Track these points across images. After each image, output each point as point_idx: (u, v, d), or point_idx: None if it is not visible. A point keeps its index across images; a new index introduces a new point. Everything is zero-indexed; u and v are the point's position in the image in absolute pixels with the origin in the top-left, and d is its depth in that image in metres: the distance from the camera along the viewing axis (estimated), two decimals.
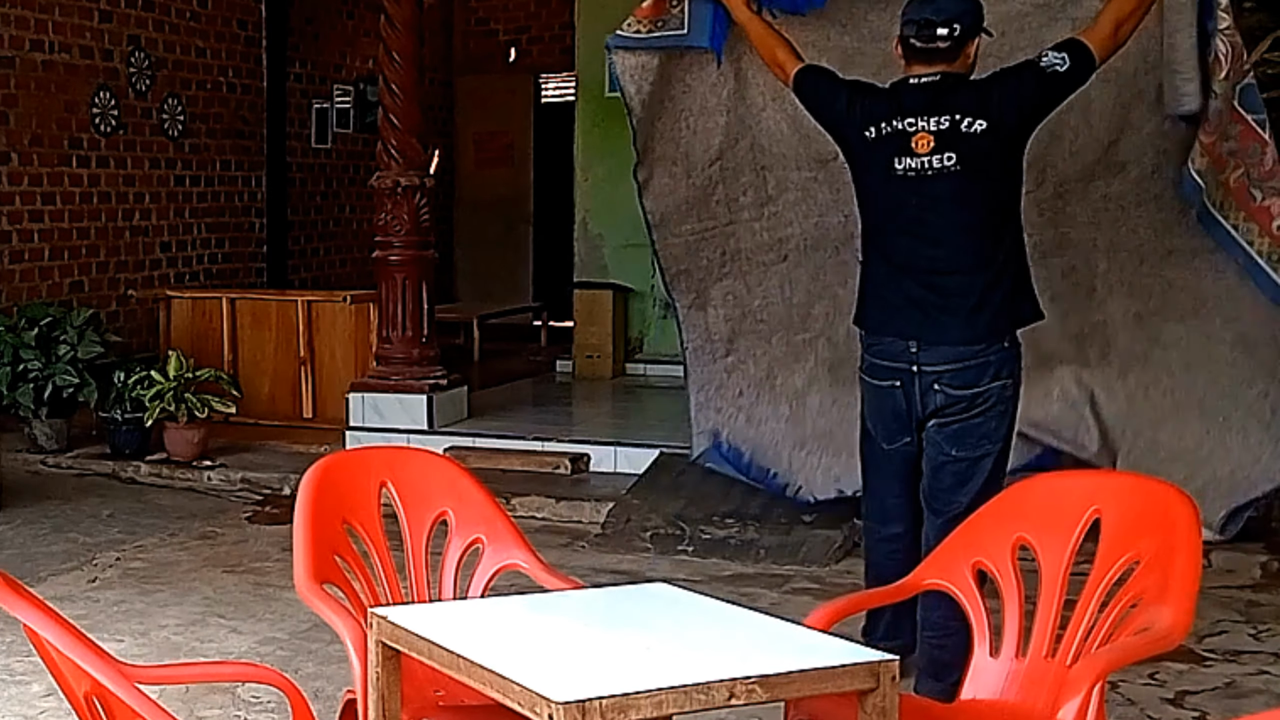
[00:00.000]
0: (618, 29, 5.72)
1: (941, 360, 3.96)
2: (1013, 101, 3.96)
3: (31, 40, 8.88)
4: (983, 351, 3.96)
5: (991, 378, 3.97)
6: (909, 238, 4.03)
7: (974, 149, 3.91)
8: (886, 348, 4.08)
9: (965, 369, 3.95)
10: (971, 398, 3.96)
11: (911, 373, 4.00)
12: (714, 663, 2.40)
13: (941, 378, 3.96)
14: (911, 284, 4.02)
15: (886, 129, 4.01)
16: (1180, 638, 2.83)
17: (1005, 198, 4.03)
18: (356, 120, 12.06)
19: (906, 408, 4.04)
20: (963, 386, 3.96)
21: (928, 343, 3.98)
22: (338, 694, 3.91)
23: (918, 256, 4.02)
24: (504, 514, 3.49)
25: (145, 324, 9.45)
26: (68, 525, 6.73)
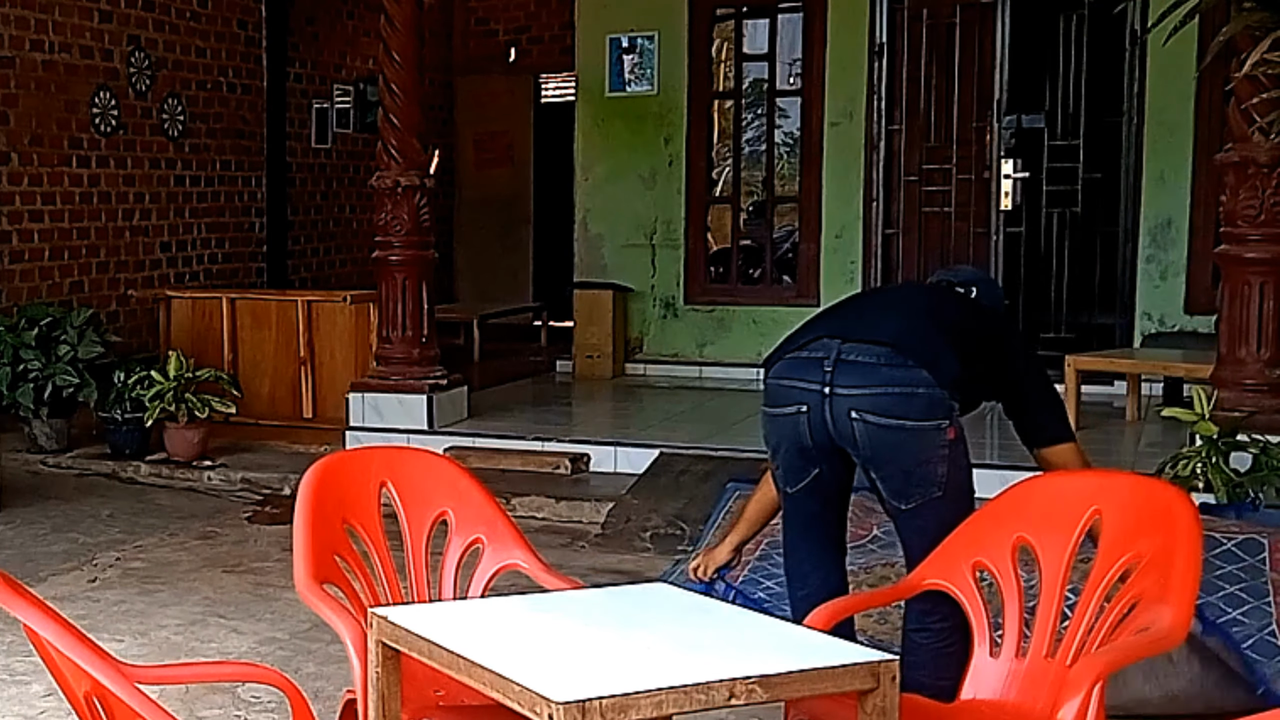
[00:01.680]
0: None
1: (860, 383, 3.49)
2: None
3: (31, 40, 8.88)
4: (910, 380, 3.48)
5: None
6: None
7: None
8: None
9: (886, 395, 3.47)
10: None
11: (823, 395, 3.52)
12: (714, 663, 2.40)
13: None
14: (845, 307, 3.80)
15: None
16: (1180, 638, 2.84)
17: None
18: (356, 120, 12.06)
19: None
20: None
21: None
22: (338, 694, 3.91)
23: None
24: (504, 514, 3.49)
25: (145, 324, 9.45)
26: (68, 525, 6.73)
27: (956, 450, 3.51)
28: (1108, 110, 9.32)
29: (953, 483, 3.52)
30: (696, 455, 7.26)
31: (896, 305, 3.77)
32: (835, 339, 3.54)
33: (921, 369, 3.44)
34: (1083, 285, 9.52)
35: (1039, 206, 9.44)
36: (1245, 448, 6.03)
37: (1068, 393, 7.91)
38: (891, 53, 9.69)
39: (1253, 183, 6.52)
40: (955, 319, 3.69)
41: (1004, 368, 3.68)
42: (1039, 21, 9.37)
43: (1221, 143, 7.11)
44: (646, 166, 10.34)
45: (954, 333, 3.60)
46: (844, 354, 3.49)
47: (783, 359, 3.65)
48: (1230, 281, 6.68)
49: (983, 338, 3.70)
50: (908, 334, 3.52)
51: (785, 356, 3.64)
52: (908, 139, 9.72)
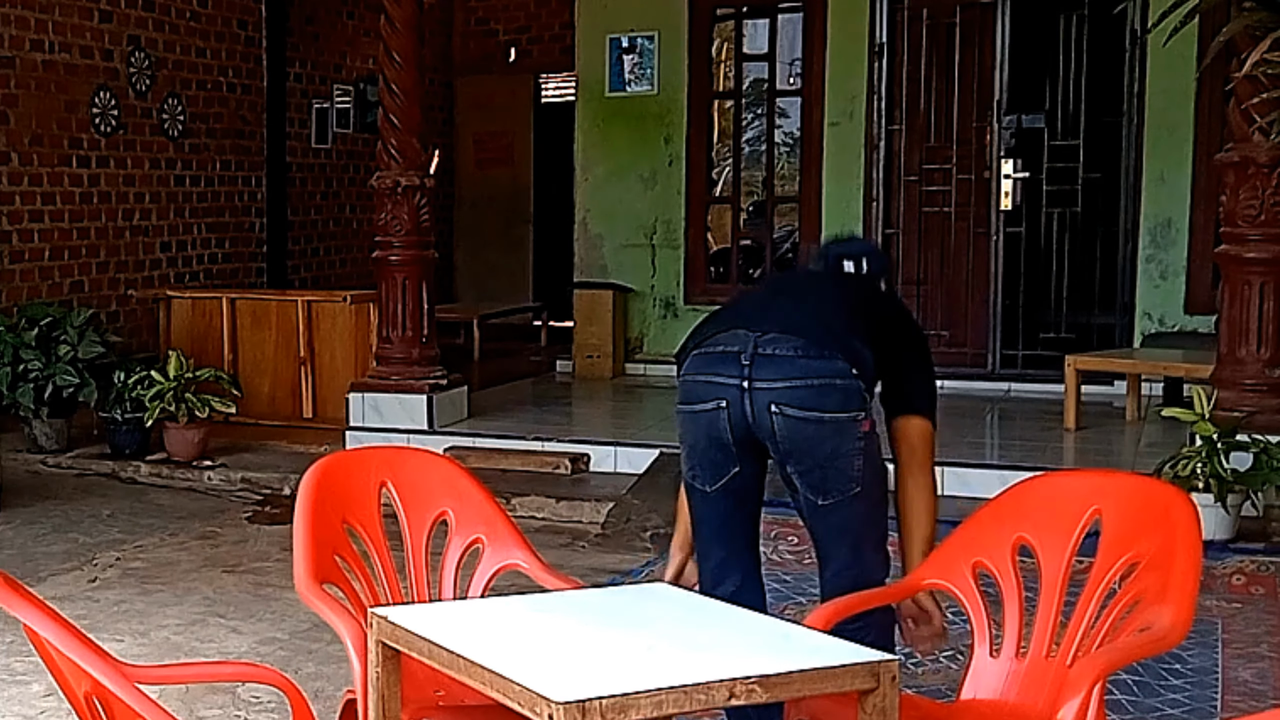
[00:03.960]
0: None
1: (777, 375, 3.38)
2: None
3: (31, 40, 8.88)
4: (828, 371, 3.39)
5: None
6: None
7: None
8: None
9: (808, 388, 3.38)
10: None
11: (742, 389, 3.40)
12: (714, 663, 2.40)
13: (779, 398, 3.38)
14: (755, 300, 3.69)
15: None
16: (1180, 638, 2.83)
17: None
18: (356, 120, 12.07)
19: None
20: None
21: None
22: (338, 694, 3.91)
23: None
24: (504, 514, 3.49)
25: (145, 324, 9.45)
26: (68, 525, 6.73)
27: (871, 444, 3.45)
28: (1108, 110, 9.32)
29: (868, 479, 3.47)
30: None
31: (804, 295, 3.63)
32: (750, 331, 3.43)
33: (838, 359, 3.37)
34: (1083, 285, 9.52)
35: (1039, 206, 9.45)
36: (1245, 448, 6.03)
37: (1068, 393, 7.92)
38: (891, 53, 9.69)
39: (1253, 183, 6.52)
40: (858, 302, 3.61)
41: (897, 342, 3.60)
42: (1039, 21, 9.37)
43: (1221, 143, 7.11)
44: (646, 166, 10.34)
45: (861, 317, 3.53)
46: (760, 347, 3.39)
47: (696, 354, 3.52)
48: (1230, 281, 6.68)
49: (882, 316, 3.63)
50: (822, 324, 3.44)
51: (698, 351, 3.52)
52: (908, 139, 9.72)
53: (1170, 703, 4.31)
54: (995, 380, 9.43)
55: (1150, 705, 4.28)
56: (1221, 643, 4.87)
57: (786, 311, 3.48)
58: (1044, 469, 5.57)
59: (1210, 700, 4.35)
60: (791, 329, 3.39)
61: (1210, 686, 4.47)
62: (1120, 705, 4.22)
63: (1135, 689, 4.35)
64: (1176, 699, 4.34)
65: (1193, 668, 4.59)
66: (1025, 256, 9.47)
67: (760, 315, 3.48)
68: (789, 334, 3.38)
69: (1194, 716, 4.23)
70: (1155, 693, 4.36)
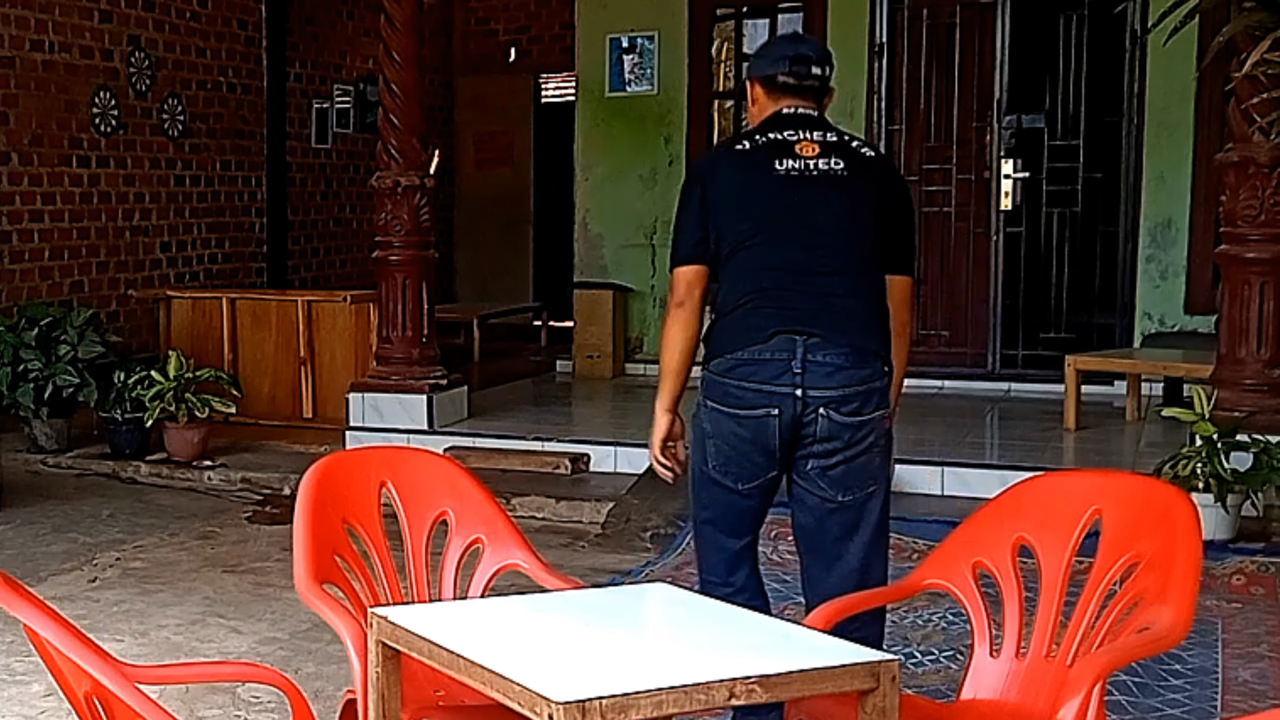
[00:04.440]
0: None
1: (830, 384, 3.44)
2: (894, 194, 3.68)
3: (31, 40, 8.88)
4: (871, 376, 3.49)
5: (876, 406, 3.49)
6: (787, 244, 3.50)
7: (865, 165, 3.57)
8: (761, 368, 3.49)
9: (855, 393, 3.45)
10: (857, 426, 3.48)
11: (795, 397, 3.44)
12: (714, 663, 2.40)
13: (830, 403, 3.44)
14: (793, 294, 3.50)
15: (761, 140, 3.56)
16: (1180, 637, 2.83)
17: (881, 233, 3.57)
18: (356, 120, 12.07)
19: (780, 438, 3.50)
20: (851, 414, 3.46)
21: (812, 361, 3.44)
22: (338, 694, 3.91)
23: (796, 259, 3.50)
24: (504, 514, 3.49)
25: (145, 324, 9.45)
26: (68, 525, 6.73)
27: (889, 444, 3.56)
28: (1108, 110, 9.32)
29: (884, 479, 3.55)
30: None
31: (841, 268, 3.52)
32: (796, 335, 3.44)
33: (877, 363, 3.48)
34: (1083, 285, 9.52)
35: (1039, 206, 9.45)
36: (1245, 448, 6.03)
37: (1068, 393, 7.92)
38: (891, 53, 9.69)
39: (1253, 183, 6.52)
40: (871, 216, 3.56)
41: (897, 223, 3.63)
42: (1039, 21, 9.37)
43: (1221, 143, 7.11)
44: (646, 166, 10.34)
45: (880, 258, 3.56)
46: (810, 352, 3.43)
47: (743, 358, 3.49)
48: (1230, 281, 6.68)
49: (890, 210, 3.62)
50: (861, 326, 3.48)
51: (745, 355, 3.49)
52: (908, 139, 9.72)
53: (1170, 703, 4.31)
54: (995, 380, 9.43)
55: (1150, 705, 4.28)
56: (1221, 643, 4.87)
57: (826, 304, 3.47)
58: (1044, 469, 5.58)
59: (1210, 700, 4.35)
60: (836, 332, 3.45)
61: (1210, 686, 4.47)
62: (1120, 705, 4.22)
63: (1135, 689, 4.35)
64: (1176, 699, 4.34)
65: (1193, 668, 4.59)
66: (1025, 256, 9.47)
67: (803, 314, 3.46)
68: (834, 341, 3.44)
69: (1194, 716, 4.23)
70: (1155, 693, 4.36)
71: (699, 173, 3.72)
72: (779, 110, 3.63)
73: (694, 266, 3.59)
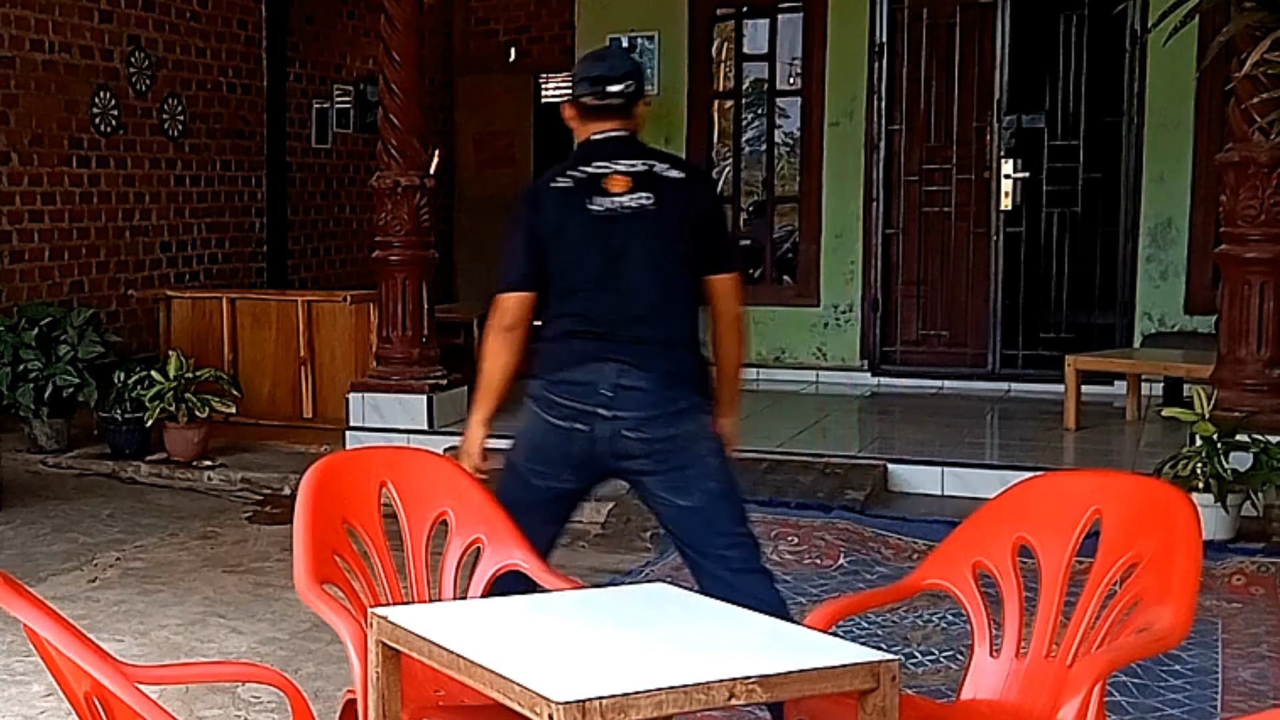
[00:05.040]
0: None
1: (638, 408, 3.66)
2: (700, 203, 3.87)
3: (31, 40, 8.88)
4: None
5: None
6: (600, 286, 3.75)
7: (672, 191, 3.75)
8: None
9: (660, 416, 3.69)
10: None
11: (604, 418, 3.67)
12: (714, 663, 2.40)
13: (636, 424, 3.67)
14: (609, 327, 3.72)
15: (577, 176, 3.77)
16: (1180, 637, 2.83)
17: (692, 253, 3.79)
18: (356, 120, 12.06)
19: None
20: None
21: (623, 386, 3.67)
22: (338, 694, 3.91)
23: (609, 301, 3.73)
24: (504, 514, 3.49)
25: (145, 324, 9.45)
26: (68, 525, 6.73)
27: (719, 444, 3.79)
28: (1108, 110, 9.32)
29: (724, 472, 3.77)
30: None
31: (648, 305, 3.74)
32: (610, 362, 3.68)
33: (683, 388, 3.71)
34: (1083, 285, 9.52)
35: (1039, 206, 9.45)
36: (1245, 448, 6.03)
37: (1068, 392, 7.92)
38: (891, 53, 9.69)
39: (1253, 183, 6.52)
40: (691, 257, 3.78)
41: (709, 228, 3.83)
42: (1039, 21, 9.37)
43: (1221, 143, 7.11)
44: None
45: (689, 285, 3.78)
46: (621, 378, 3.66)
47: (563, 378, 3.73)
48: (1230, 281, 6.68)
49: (698, 218, 3.81)
50: (671, 354, 3.72)
51: (564, 375, 3.73)
52: (908, 139, 9.73)
53: (1170, 703, 4.31)
54: (995, 380, 9.43)
55: (1150, 705, 4.28)
56: (1221, 643, 4.87)
57: (638, 335, 3.71)
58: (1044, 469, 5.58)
59: (1210, 700, 4.35)
60: (648, 359, 3.68)
61: (1210, 686, 4.47)
62: (1120, 705, 4.22)
63: (1135, 689, 4.36)
64: (1176, 699, 4.34)
65: (1193, 668, 4.59)
66: (1025, 256, 9.46)
67: (617, 346, 3.70)
68: (645, 368, 3.67)
69: (1194, 716, 4.23)
70: (1155, 693, 4.36)
71: (525, 203, 3.90)
72: (589, 137, 3.85)
73: (524, 294, 3.81)
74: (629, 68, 3.90)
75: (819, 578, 5.69)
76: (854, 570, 5.79)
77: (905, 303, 9.83)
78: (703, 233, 3.80)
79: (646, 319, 3.72)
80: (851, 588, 5.48)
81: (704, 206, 3.85)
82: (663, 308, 3.75)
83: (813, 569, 5.82)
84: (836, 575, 5.74)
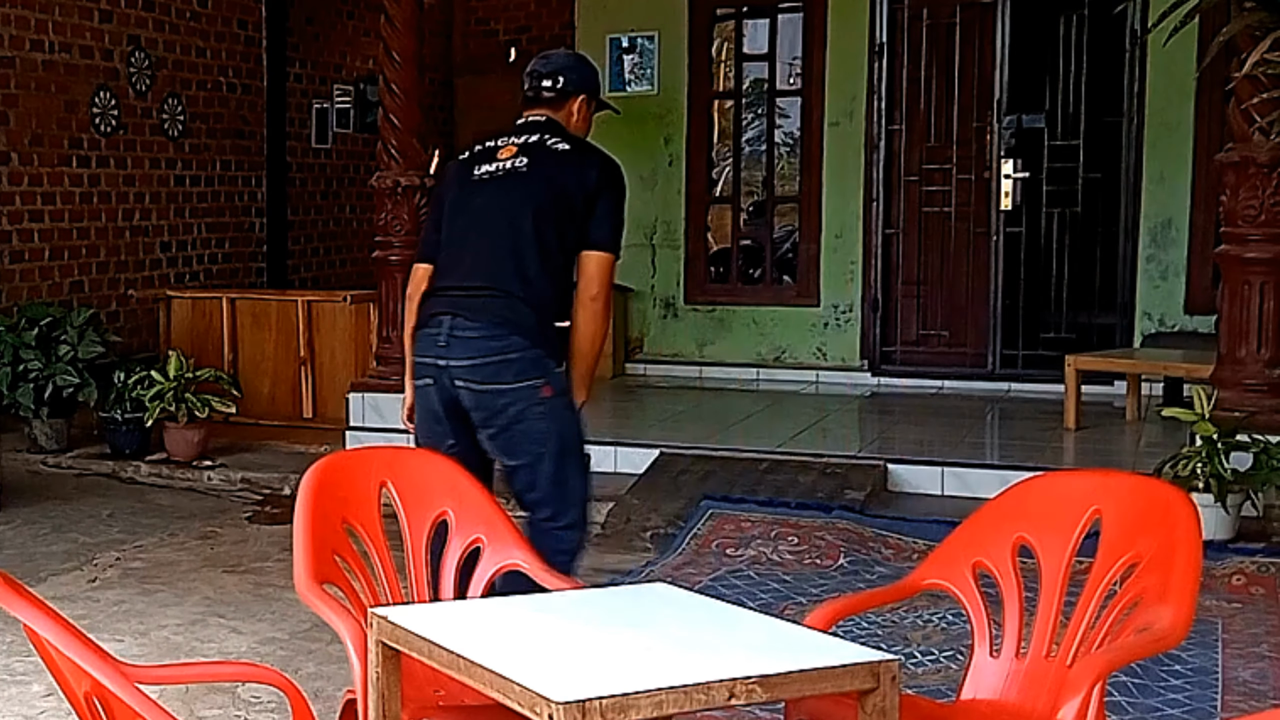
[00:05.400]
0: None
1: (465, 353, 3.95)
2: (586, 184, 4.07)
3: (31, 40, 8.88)
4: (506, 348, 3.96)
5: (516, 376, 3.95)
6: (459, 243, 4.06)
7: (551, 159, 4.06)
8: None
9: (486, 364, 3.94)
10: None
11: (440, 367, 3.99)
12: (714, 663, 2.40)
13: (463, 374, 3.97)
14: (456, 283, 4.04)
15: (478, 148, 4.22)
16: (1180, 637, 2.83)
17: (555, 219, 4.00)
18: (356, 120, 12.06)
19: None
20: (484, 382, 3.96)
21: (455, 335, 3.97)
22: (338, 694, 3.91)
23: (463, 257, 4.03)
24: (504, 514, 3.49)
25: (145, 324, 9.45)
26: (68, 525, 6.73)
27: (556, 405, 3.99)
28: (1108, 110, 9.32)
29: (556, 438, 4.00)
30: (696, 455, 7.26)
31: (495, 247, 4.01)
32: (448, 314, 3.96)
33: (514, 337, 3.92)
34: (1083, 285, 9.52)
35: (1039, 206, 9.45)
36: (1245, 448, 6.03)
37: (1068, 393, 7.92)
38: (891, 53, 9.69)
39: (1253, 183, 6.52)
40: (552, 219, 3.99)
41: (593, 206, 4.04)
42: (1039, 21, 9.37)
43: (1221, 143, 7.11)
44: (646, 166, 10.34)
45: (552, 227, 3.99)
46: (454, 329, 3.94)
47: (418, 335, 4.05)
48: (1230, 281, 6.68)
49: (582, 197, 4.03)
50: (508, 306, 3.93)
51: (420, 333, 4.05)
52: (908, 139, 9.73)
53: (1170, 703, 4.31)
54: (995, 380, 9.43)
55: (1150, 705, 4.28)
56: (1221, 643, 4.87)
57: (476, 285, 3.98)
58: (1044, 469, 5.59)
59: (1210, 700, 4.35)
60: (478, 311, 3.93)
61: (1210, 686, 4.47)
62: (1120, 705, 4.22)
63: (1135, 689, 4.36)
64: (1176, 699, 4.34)
65: (1193, 668, 4.59)
66: (1025, 256, 9.47)
67: (456, 298, 3.99)
68: (476, 317, 3.93)
69: (1194, 716, 4.23)
70: (1155, 693, 4.36)
71: (439, 177, 4.31)
72: (516, 119, 4.26)
73: (427, 264, 4.16)
74: (561, 65, 4.29)
75: (819, 578, 5.69)
76: (854, 570, 5.79)
77: (905, 303, 9.83)
78: (576, 207, 4.00)
79: (491, 274, 3.95)
80: (851, 588, 5.48)
81: (584, 182, 4.04)
82: (509, 265, 3.95)
83: (813, 569, 5.82)
84: (836, 575, 5.74)
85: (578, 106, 4.25)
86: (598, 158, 4.16)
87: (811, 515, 6.32)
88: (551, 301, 3.99)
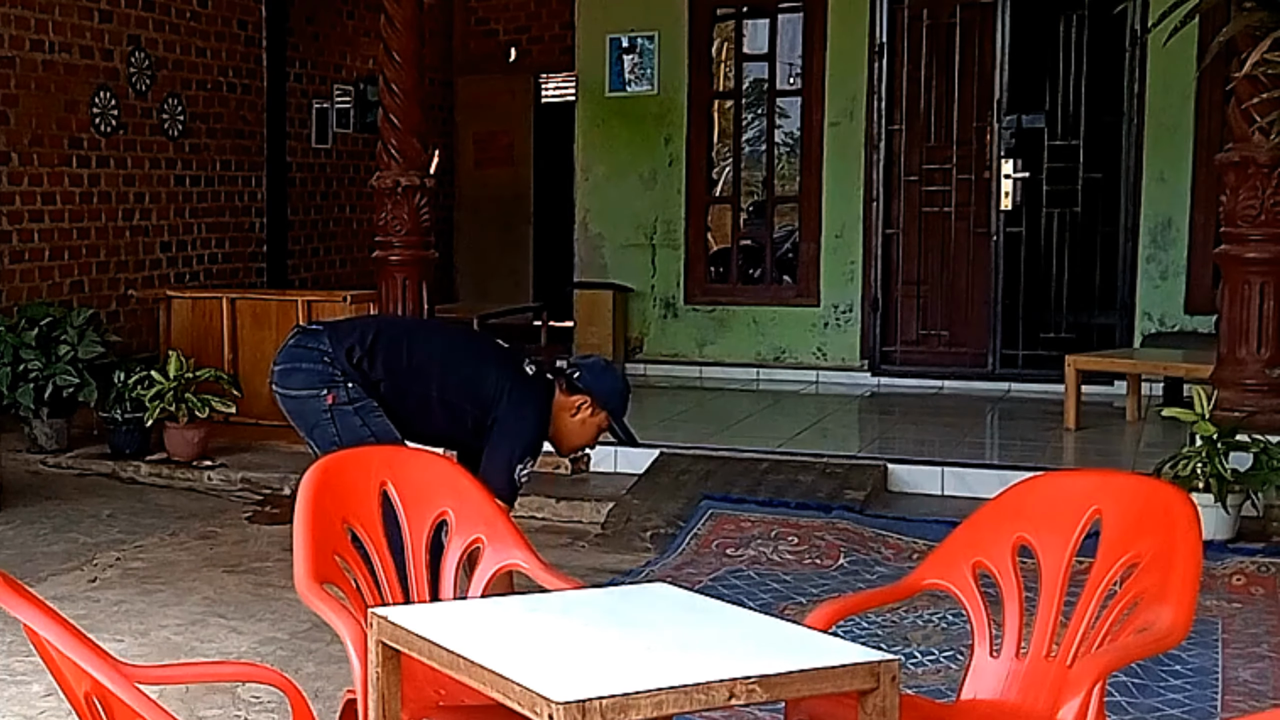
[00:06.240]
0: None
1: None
2: None
3: (31, 40, 8.88)
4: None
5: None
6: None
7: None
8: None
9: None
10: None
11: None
12: (714, 663, 2.40)
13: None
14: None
15: None
16: (1180, 637, 2.83)
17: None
18: (356, 120, 12.06)
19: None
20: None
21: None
22: (338, 694, 3.91)
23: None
24: (504, 514, 3.49)
25: (145, 324, 9.44)
26: (68, 525, 6.73)
27: (341, 413, 4.30)
28: (1108, 110, 9.32)
29: (348, 438, 4.23)
30: (696, 455, 7.26)
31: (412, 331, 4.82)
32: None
33: (307, 349, 4.39)
34: (1083, 285, 9.52)
35: (1039, 206, 9.45)
36: (1245, 448, 6.03)
37: (1068, 392, 7.92)
38: (891, 53, 9.69)
39: (1253, 183, 6.52)
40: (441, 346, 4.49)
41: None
42: (1039, 21, 9.37)
43: (1221, 143, 7.12)
44: (646, 166, 10.34)
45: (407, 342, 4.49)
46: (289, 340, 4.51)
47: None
48: (1230, 281, 6.68)
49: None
50: (328, 326, 4.51)
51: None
52: (908, 139, 9.73)
53: (1170, 703, 4.31)
54: (995, 380, 9.44)
55: (1150, 705, 4.27)
56: (1221, 643, 4.87)
57: (352, 322, 4.78)
58: (1044, 469, 5.59)
59: (1210, 700, 4.35)
60: (320, 329, 4.51)
61: (1210, 686, 4.47)
62: (1120, 705, 4.22)
63: (1135, 689, 4.35)
64: (1176, 699, 4.34)
65: (1193, 668, 4.59)
66: (1025, 256, 9.47)
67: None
68: (303, 330, 4.58)
69: (1194, 716, 4.23)
70: (1155, 693, 4.36)
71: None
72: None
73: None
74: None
75: (819, 578, 5.69)
76: (854, 570, 5.79)
77: (905, 303, 9.83)
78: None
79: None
80: (851, 588, 5.48)
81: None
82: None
83: (813, 569, 5.82)
84: (836, 575, 5.74)
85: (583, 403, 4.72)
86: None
87: (811, 515, 6.33)
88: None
